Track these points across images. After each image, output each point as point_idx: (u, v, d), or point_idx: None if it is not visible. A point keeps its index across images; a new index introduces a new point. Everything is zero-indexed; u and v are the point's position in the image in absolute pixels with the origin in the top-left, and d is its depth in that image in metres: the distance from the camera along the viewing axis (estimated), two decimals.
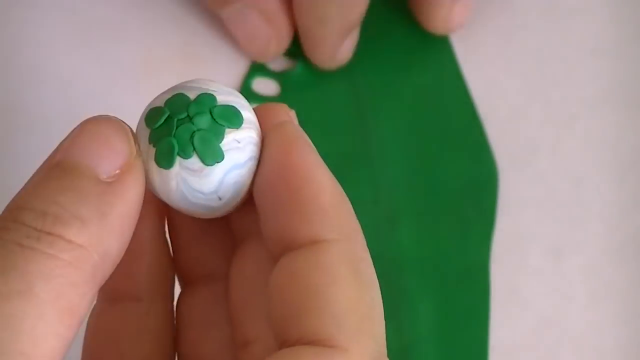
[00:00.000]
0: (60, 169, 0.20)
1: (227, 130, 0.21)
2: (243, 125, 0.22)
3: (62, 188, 0.20)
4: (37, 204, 0.19)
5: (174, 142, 0.21)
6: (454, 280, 0.38)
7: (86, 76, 0.39)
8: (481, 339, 0.38)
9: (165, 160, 0.21)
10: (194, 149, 0.21)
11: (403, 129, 0.40)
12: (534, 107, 0.40)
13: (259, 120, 0.22)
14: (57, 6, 0.40)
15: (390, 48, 0.41)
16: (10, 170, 0.38)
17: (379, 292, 0.21)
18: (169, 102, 0.22)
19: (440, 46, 0.41)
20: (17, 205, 0.20)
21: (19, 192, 0.20)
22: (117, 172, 0.20)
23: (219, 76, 0.40)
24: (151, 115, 0.22)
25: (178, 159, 0.21)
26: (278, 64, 0.40)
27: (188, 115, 0.21)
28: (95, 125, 0.21)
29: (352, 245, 0.21)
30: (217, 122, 0.21)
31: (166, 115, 0.21)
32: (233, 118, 0.22)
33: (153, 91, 0.39)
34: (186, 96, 0.21)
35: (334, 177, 0.22)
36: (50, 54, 0.39)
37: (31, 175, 0.21)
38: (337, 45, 0.38)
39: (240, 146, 0.22)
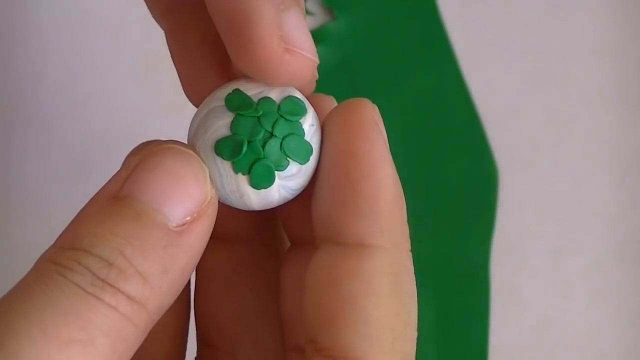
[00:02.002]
0: (129, 210, 0.19)
1: (301, 120, 0.21)
2: (306, 106, 0.22)
3: (129, 236, 0.19)
4: (103, 252, 0.18)
5: (269, 163, 0.21)
6: (454, 280, 0.38)
7: (86, 76, 0.39)
8: (481, 339, 0.38)
9: (265, 182, 0.21)
10: (288, 157, 0.21)
11: (403, 129, 0.40)
12: (534, 107, 0.40)
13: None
14: (57, 5, 0.40)
15: (390, 48, 0.41)
16: (10, 169, 0.38)
17: (416, 302, 0.21)
18: (235, 125, 0.21)
19: (440, 46, 0.41)
20: (81, 245, 0.19)
21: (81, 223, 0.19)
22: (187, 219, 0.19)
23: None
24: (225, 146, 0.21)
25: (276, 173, 0.21)
26: None
27: (266, 131, 0.21)
28: (170, 161, 0.20)
29: (398, 255, 0.21)
30: (291, 120, 0.21)
31: (246, 142, 0.21)
32: (298, 107, 0.21)
33: (153, 91, 0.39)
34: (248, 112, 0.21)
35: (397, 176, 0.21)
36: (50, 53, 0.39)
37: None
38: (277, 22, 0.20)
39: (315, 128, 0.21)
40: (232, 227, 0.24)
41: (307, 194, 0.22)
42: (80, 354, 0.18)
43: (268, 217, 0.24)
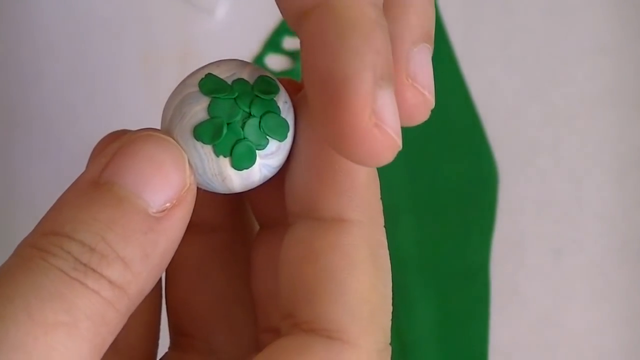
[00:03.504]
0: (110, 195, 0.19)
1: (275, 98, 0.21)
2: (278, 84, 0.22)
3: (111, 221, 0.19)
4: (85, 237, 0.19)
5: (249, 143, 0.21)
6: (454, 280, 0.38)
7: (86, 76, 0.39)
8: (481, 339, 0.38)
9: (246, 162, 0.21)
10: (267, 136, 0.21)
11: (403, 129, 0.40)
12: (534, 107, 0.40)
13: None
14: (57, 5, 0.40)
15: None
16: (9, 168, 0.38)
17: (390, 276, 0.21)
18: (213, 109, 0.21)
19: (440, 46, 0.41)
20: (64, 231, 0.19)
21: (62, 209, 0.19)
22: (167, 205, 0.20)
23: None
24: (205, 130, 0.21)
25: (257, 152, 0.21)
26: (291, 43, 0.41)
27: (244, 111, 0.21)
28: (150, 147, 0.20)
29: (374, 229, 0.21)
30: (266, 99, 0.21)
31: (225, 124, 0.21)
32: (271, 86, 0.21)
33: (153, 91, 0.39)
34: (224, 94, 0.21)
35: None
36: (50, 53, 0.39)
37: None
38: (373, 97, 0.18)
39: (288, 104, 0.22)
40: (201, 215, 0.24)
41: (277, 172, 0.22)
42: (65, 337, 0.18)
43: (237, 202, 0.25)
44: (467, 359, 0.38)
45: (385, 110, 0.19)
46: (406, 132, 0.40)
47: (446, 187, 0.39)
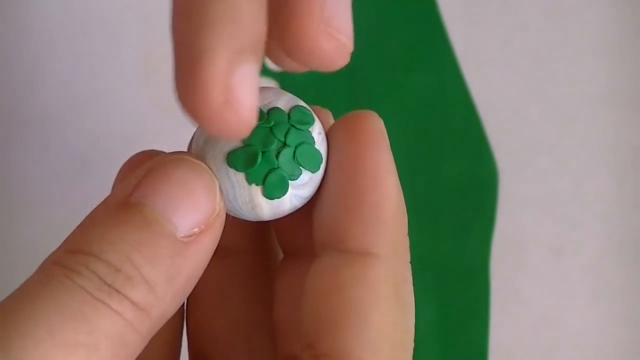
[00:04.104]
0: (139, 217, 0.19)
1: (310, 130, 0.21)
2: (313, 115, 0.22)
3: (138, 243, 0.19)
4: (111, 257, 0.19)
5: (283, 173, 0.21)
6: (454, 280, 0.38)
7: (85, 76, 0.39)
8: (481, 339, 0.38)
9: (278, 192, 0.21)
10: (300, 166, 0.21)
11: (403, 129, 0.40)
12: (534, 107, 0.40)
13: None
14: (57, 5, 0.40)
15: (390, 48, 0.41)
16: (10, 168, 0.38)
17: (414, 312, 0.21)
18: (249, 137, 0.21)
19: (440, 46, 0.41)
20: (90, 250, 0.19)
21: (89, 228, 0.19)
22: (195, 230, 0.20)
23: None
24: (239, 157, 0.21)
25: (289, 183, 0.21)
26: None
27: (279, 141, 0.21)
28: (182, 172, 0.20)
29: (399, 264, 0.21)
30: (301, 129, 0.21)
31: (260, 152, 0.21)
32: (306, 117, 0.22)
33: (153, 91, 0.39)
34: (260, 123, 0.21)
35: (400, 187, 0.21)
36: (50, 53, 0.39)
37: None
38: (227, 73, 0.18)
39: (322, 136, 0.22)
40: (226, 238, 0.24)
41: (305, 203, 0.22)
42: (85, 358, 0.18)
43: (261, 228, 0.25)
44: (467, 359, 0.38)
45: (239, 87, 0.18)
46: (406, 132, 0.40)
47: (446, 187, 0.39)
